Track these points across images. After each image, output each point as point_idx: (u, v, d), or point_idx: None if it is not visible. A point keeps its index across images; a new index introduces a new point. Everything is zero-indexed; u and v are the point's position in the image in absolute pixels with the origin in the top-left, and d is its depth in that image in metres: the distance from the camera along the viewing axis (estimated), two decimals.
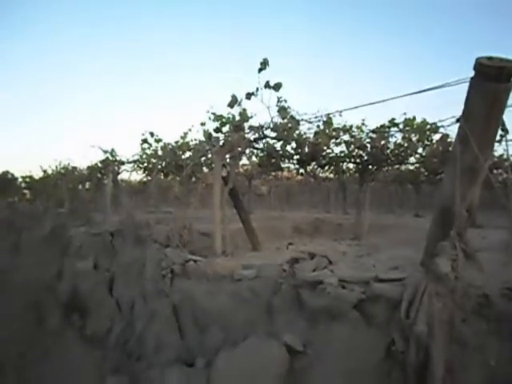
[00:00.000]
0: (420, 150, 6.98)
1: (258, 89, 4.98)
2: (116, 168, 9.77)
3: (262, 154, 7.37)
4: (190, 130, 7.83)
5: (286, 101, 5.56)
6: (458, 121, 3.90)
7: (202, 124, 6.54)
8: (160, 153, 7.99)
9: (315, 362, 3.28)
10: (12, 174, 22.87)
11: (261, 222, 8.65)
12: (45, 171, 15.94)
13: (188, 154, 7.23)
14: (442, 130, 4.47)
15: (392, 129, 6.02)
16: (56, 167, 14.33)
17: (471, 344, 2.94)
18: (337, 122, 5.93)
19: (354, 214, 10.83)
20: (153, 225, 7.04)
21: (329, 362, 3.23)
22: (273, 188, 14.86)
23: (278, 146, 6.68)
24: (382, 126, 5.96)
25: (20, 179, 21.34)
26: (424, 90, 3.64)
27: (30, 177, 19.52)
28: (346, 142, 6.18)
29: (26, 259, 11.31)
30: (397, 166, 8.91)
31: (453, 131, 4.09)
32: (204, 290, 4.52)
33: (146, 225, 6.91)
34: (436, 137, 5.83)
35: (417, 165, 8.99)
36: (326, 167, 8.48)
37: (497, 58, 3.00)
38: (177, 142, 7.69)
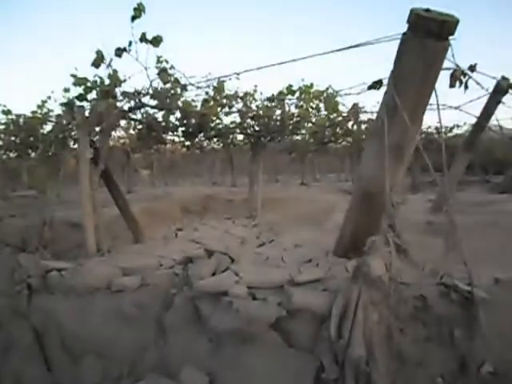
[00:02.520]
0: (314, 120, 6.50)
1: (131, 43, 3.90)
2: None
3: (140, 127, 6.28)
4: (49, 97, 6.39)
5: (167, 61, 4.58)
6: (370, 88, 3.34)
7: (66, 90, 5.26)
8: (12, 128, 6.45)
9: None
10: None
11: (143, 203, 7.61)
12: None
13: (47, 128, 5.87)
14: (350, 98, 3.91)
15: (289, 97, 5.40)
16: None
17: (412, 359, 2.45)
18: (229, 88, 5.12)
19: (243, 187, 10.28)
20: (5, 220, 5.62)
21: None
22: (155, 162, 13.65)
23: (159, 116, 5.67)
24: (280, 93, 5.31)
25: None
26: (341, 49, 2.97)
27: None
28: (239, 111, 5.39)
29: None
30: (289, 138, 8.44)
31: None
32: (73, 307, 3.48)
33: None
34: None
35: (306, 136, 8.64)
36: (215, 139, 7.68)
37: (434, 12, 2.43)
38: (33, 113, 6.23)
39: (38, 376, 3.58)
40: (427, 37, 2.40)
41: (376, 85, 3.15)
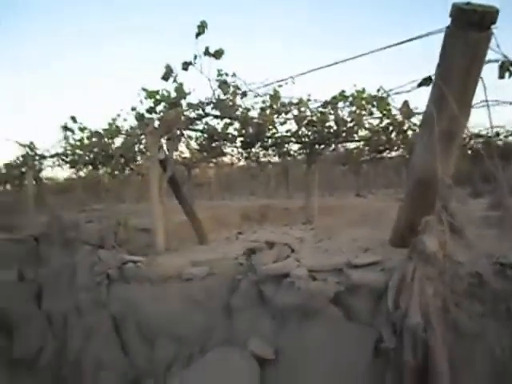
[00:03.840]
0: (367, 125, 6.64)
1: (196, 57, 4.31)
2: (37, 164, 8.67)
3: (201, 138, 6.71)
4: (118, 115, 6.99)
5: (227, 74, 4.95)
6: (420, 85, 3.51)
7: (133, 109, 5.77)
8: (86, 142, 7.07)
9: (290, 370, 2.75)
10: None
11: (204, 212, 8.00)
12: None
13: (119, 141, 6.42)
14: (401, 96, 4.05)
15: (342, 103, 5.61)
16: None
17: (469, 331, 2.55)
18: (284, 95, 5.40)
19: (299, 199, 10.50)
20: (83, 224, 6.18)
21: (306, 368, 2.71)
22: (213, 176, 14.20)
23: (219, 127, 6.07)
24: (333, 98, 5.53)
25: None
26: (387, 47, 3.18)
27: None
28: (295, 117, 5.66)
29: None
30: (343, 145, 8.60)
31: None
32: (148, 295, 3.84)
33: (74, 225, 6.04)
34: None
35: (360, 143, 8.73)
36: (271, 149, 7.98)
37: (474, 4, 2.61)
38: (105, 130, 6.83)
39: (115, 360, 3.95)
40: (470, 28, 2.57)
41: (426, 81, 3.31)
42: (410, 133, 7.23)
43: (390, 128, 6.64)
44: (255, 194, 17.44)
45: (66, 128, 6.53)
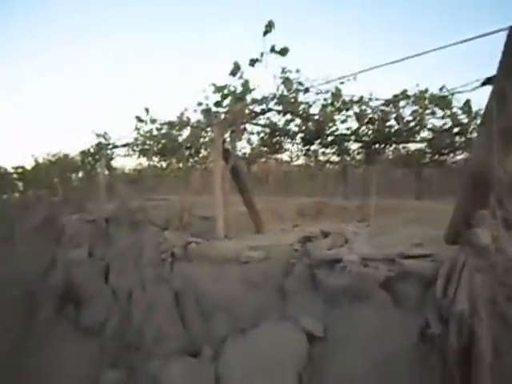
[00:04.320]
0: (430, 126, 6.59)
1: (262, 54, 4.55)
2: (109, 152, 9.32)
3: (263, 133, 6.96)
4: (185, 109, 7.39)
5: (290, 71, 5.15)
6: (483, 84, 3.54)
7: (199, 104, 6.11)
8: (155, 133, 7.54)
9: (338, 348, 2.92)
10: (5, 169, 22.42)
11: (262, 205, 8.26)
12: (36, 161, 15.46)
13: (186, 132, 6.80)
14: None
15: (404, 102, 5.63)
16: (47, 156, 13.88)
17: None
18: (345, 92, 5.51)
19: (357, 200, 10.49)
20: (149, 209, 6.64)
21: (353, 348, 2.87)
22: (270, 175, 14.46)
23: (280, 123, 6.29)
24: (395, 96, 5.57)
25: (11, 171, 20.82)
26: (450, 45, 3.24)
27: (22, 167, 19.00)
28: (356, 115, 5.75)
29: (17, 250, 10.92)
30: (403, 146, 8.53)
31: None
32: (208, 274, 4.14)
33: (141, 209, 6.51)
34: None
35: (422, 144, 8.61)
36: (330, 147, 8.08)
37: None
38: (173, 122, 7.25)
39: (175, 331, 4.28)
40: None
41: (490, 80, 3.35)
42: (474, 135, 7.09)
43: (454, 130, 6.56)
44: (313, 195, 17.47)
45: (139, 119, 7.01)
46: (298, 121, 6.28)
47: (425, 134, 6.93)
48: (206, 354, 3.44)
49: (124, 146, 8.76)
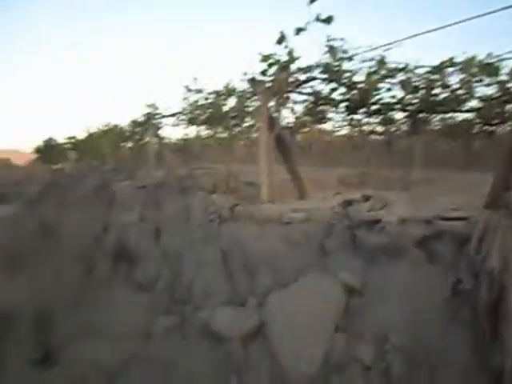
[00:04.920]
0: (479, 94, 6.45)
1: (308, 22, 4.65)
2: (158, 122, 9.71)
3: (307, 102, 7.06)
4: (231, 80, 7.59)
5: (335, 39, 5.22)
6: None
7: (245, 74, 6.26)
8: (202, 102, 7.79)
9: (374, 300, 3.14)
10: (55, 141, 23.70)
11: (304, 174, 8.42)
12: (88, 132, 16.20)
13: (232, 102, 7.01)
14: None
15: (450, 69, 5.56)
16: (99, 127, 14.53)
17: None
18: (390, 60, 5.49)
19: (401, 171, 10.41)
20: (197, 175, 6.98)
21: (389, 301, 3.08)
22: (314, 144, 14.50)
23: (325, 92, 6.36)
24: (442, 64, 5.51)
25: (64, 141, 21.86)
26: (498, 10, 3.25)
27: (74, 137, 19.93)
28: (402, 83, 5.74)
29: (72, 215, 11.64)
30: (449, 115, 8.37)
31: None
32: (253, 233, 4.42)
33: (189, 175, 6.85)
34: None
35: (470, 114, 8.40)
36: (374, 117, 8.06)
37: None
38: (220, 91, 7.47)
39: (222, 286, 4.61)
40: None
41: None
42: None
43: (504, 98, 6.40)
44: (356, 166, 17.30)
45: (188, 88, 7.29)
46: (342, 89, 6.34)
47: (473, 103, 6.81)
48: (250, 305, 3.75)
49: (172, 115, 9.10)
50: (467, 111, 7.54)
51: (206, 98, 7.61)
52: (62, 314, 6.06)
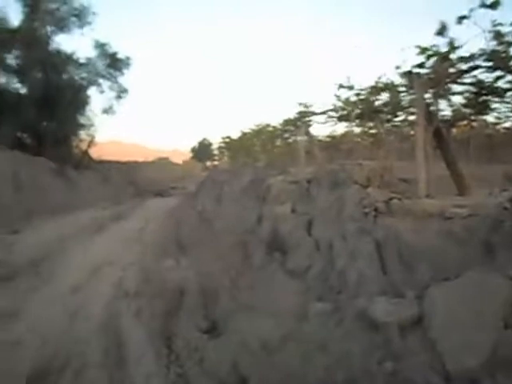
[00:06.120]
0: None
1: (472, 9, 4.44)
2: (308, 119, 10.07)
3: (467, 93, 6.69)
4: (383, 75, 7.53)
5: (502, 24, 4.88)
6: None
7: (397, 67, 6.20)
8: (353, 99, 7.89)
9: None
10: (208, 140, 26.11)
11: (463, 170, 7.96)
12: (242, 131, 17.45)
13: (383, 97, 6.99)
14: None
15: None
16: (251, 127, 15.56)
17: None
18: None
19: None
20: (350, 169, 7.11)
21: None
22: (472, 138, 13.39)
23: (488, 81, 5.97)
24: None
25: (217, 141, 23.78)
26: None
27: (228, 137, 21.57)
28: None
29: (228, 208, 12.70)
30: None
31: None
32: (410, 227, 4.42)
33: (342, 169, 7.02)
34: None
35: None
36: None
37: None
38: (372, 87, 7.48)
39: (376, 276, 4.67)
40: None
41: None
42: None
43: None
44: None
45: (341, 85, 7.46)
46: (509, 77, 5.88)
47: None
48: (409, 295, 3.78)
49: (322, 113, 9.37)
50: None
51: (358, 94, 7.68)
52: (223, 292, 6.74)
